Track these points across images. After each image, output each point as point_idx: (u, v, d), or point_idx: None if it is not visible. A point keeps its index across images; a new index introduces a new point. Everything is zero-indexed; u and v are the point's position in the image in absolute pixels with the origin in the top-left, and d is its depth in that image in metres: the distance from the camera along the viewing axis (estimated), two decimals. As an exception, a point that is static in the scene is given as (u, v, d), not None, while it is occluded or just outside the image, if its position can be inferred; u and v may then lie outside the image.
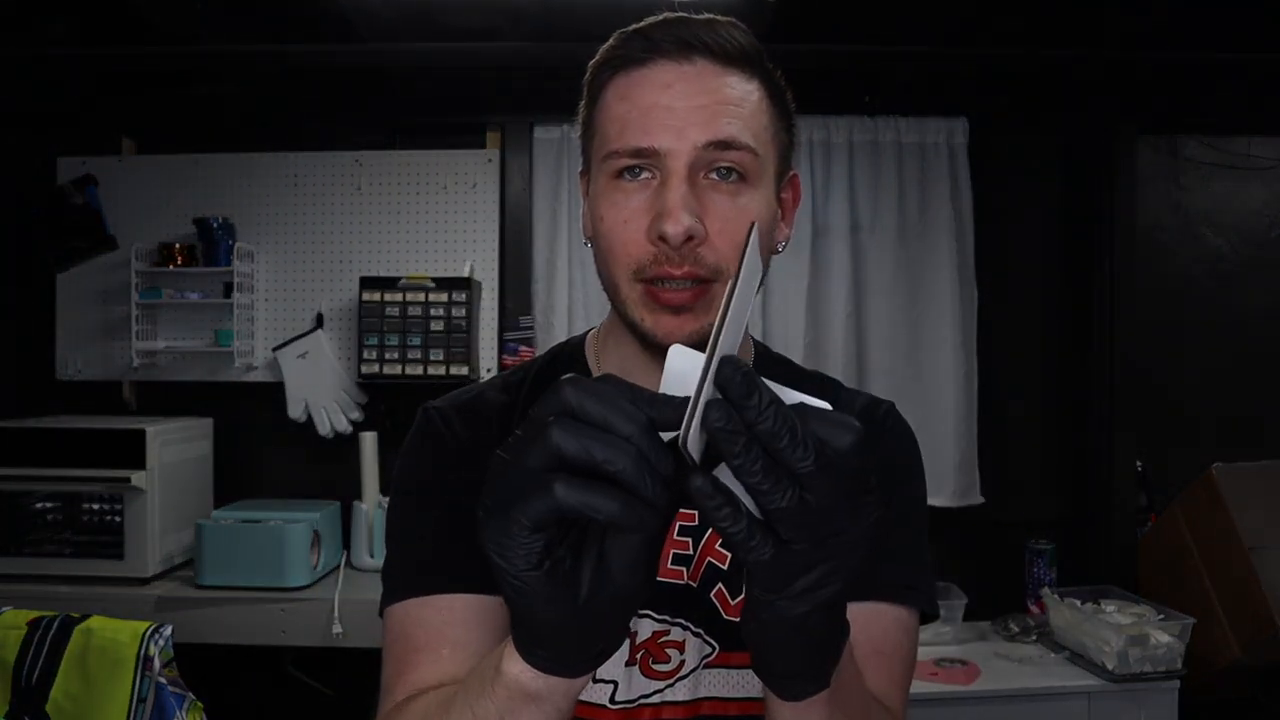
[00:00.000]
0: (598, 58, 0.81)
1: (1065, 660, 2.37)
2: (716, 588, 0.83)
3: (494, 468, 0.49)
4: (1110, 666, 2.25)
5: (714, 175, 0.76)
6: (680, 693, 0.82)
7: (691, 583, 0.83)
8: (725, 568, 0.83)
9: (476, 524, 0.49)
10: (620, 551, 0.48)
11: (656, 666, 0.82)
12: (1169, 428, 2.86)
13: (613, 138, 0.77)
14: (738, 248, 0.76)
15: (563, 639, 0.52)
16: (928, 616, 0.87)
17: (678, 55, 0.76)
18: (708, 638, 0.82)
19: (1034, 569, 2.62)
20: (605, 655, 0.54)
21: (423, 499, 0.85)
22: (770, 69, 0.81)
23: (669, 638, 0.83)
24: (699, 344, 0.77)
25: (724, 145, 0.75)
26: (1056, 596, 2.45)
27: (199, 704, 1.54)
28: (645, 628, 0.83)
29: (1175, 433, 2.86)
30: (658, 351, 0.79)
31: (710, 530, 0.84)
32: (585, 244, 0.86)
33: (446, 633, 0.78)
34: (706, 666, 0.82)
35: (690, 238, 0.74)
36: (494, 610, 0.79)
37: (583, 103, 0.84)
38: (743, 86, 0.77)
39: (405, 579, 0.82)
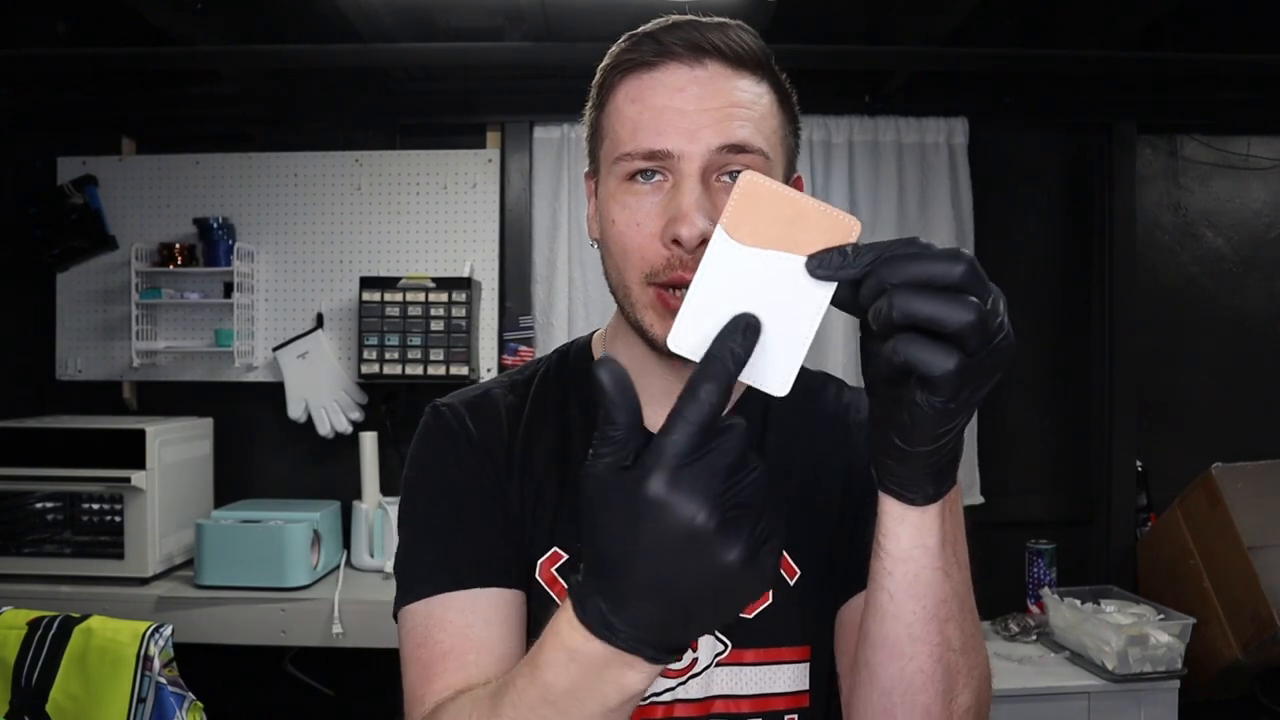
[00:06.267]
0: (607, 60, 0.81)
1: (1065, 660, 2.37)
2: None
3: (740, 504, 0.52)
4: (1110, 666, 2.25)
5: (725, 178, 0.76)
6: (692, 690, 0.83)
7: None
8: None
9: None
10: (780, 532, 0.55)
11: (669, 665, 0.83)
12: (1169, 428, 2.86)
13: (624, 140, 0.77)
14: None
15: (700, 610, 0.55)
16: None
17: (689, 58, 0.76)
18: (720, 636, 0.83)
19: (1034, 569, 2.62)
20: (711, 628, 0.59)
21: (438, 493, 0.85)
22: (778, 72, 0.81)
23: None
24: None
25: (737, 149, 0.75)
26: (1056, 596, 2.45)
27: (199, 704, 1.54)
28: None
29: (1175, 433, 2.86)
30: (666, 354, 0.79)
31: None
32: (592, 245, 0.86)
33: (471, 635, 0.77)
34: (719, 665, 0.83)
35: (704, 240, 0.73)
36: (515, 604, 0.80)
37: (590, 105, 0.83)
38: (753, 90, 0.77)
39: (422, 576, 0.81)
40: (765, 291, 0.56)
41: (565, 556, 0.83)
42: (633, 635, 0.55)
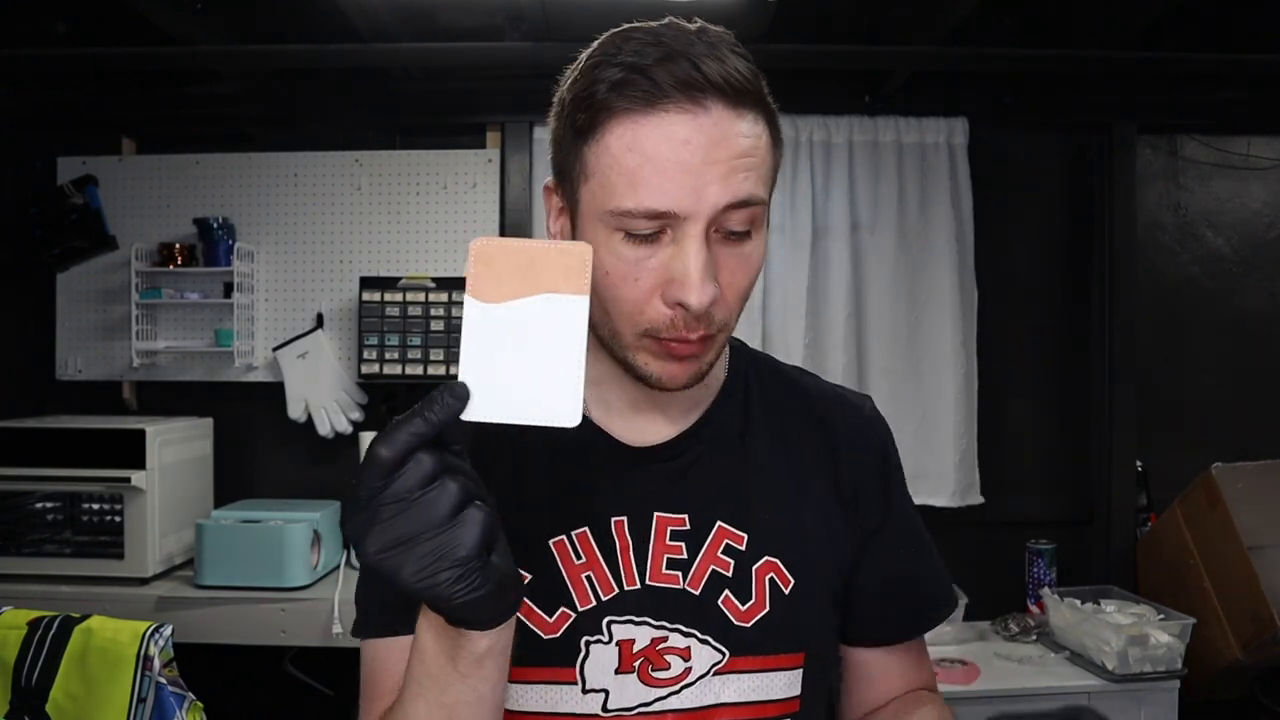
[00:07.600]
0: (591, 90, 0.73)
1: (1065, 660, 2.37)
2: (724, 595, 0.83)
3: (397, 541, 0.58)
4: (1110, 666, 2.25)
5: (722, 235, 0.74)
6: (687, 700, 0.81)
7: (690, 589, 0.83)
8: (730, 574, 0.83)
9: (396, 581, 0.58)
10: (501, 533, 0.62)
11: (656, 674, 0.81)
12: (1169, 428, 2.86)
13: (622, 193, 0.71)
14: (742, 296, 0.77)
15: (500, 605, 0.63)
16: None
17: (688, 101, 0.70)
18: (716, 644, 0.82)
19: (1034, 569, 2.62)
20: (522, 592, 0.66)
21: None
22: (767, 95, 0.76)
23: (669, 644, 0.82)
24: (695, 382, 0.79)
25: (741, 205, 0.72)
26: (1056, 596, 2.45)
27: (199, 704, 1.54)
28: (643, 635, 0.82)
29: (1175, 433, 2.86)
30: (658, 387, 0.79)
31: (711, 537, 0.84)
32: None
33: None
34: (717, 674, 0.82)
35: (713, 301, 0.73)
36: None
37: (566, 126, 0.77)
38: (753, 131, 0.73)
39: (372, 616, 0.86)
40: (527, 337, 0.61)
41: (529, 576, 0.81)
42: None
